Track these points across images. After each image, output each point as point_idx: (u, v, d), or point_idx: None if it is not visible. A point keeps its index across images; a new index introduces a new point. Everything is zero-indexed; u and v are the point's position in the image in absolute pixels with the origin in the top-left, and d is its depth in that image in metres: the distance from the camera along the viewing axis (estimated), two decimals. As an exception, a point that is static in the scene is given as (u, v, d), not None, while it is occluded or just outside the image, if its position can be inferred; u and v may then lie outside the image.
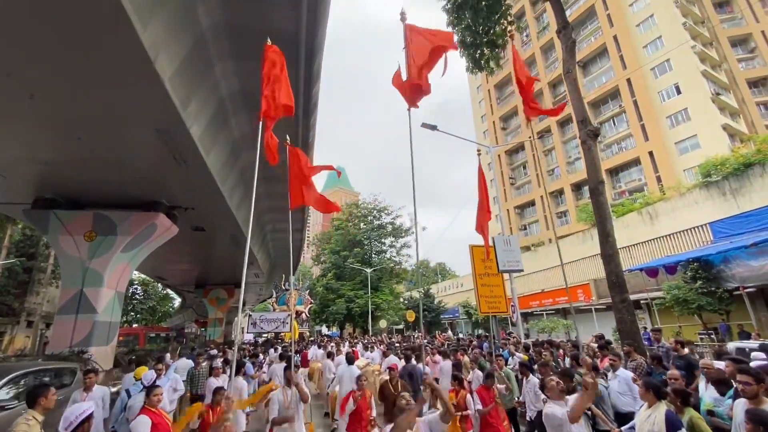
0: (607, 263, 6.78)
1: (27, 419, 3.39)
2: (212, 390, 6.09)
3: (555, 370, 5.92)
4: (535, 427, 5.79)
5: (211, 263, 25.81)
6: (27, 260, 29.16)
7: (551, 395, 3.46)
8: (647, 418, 3.47)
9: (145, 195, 12.96)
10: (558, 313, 26.24)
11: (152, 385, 4.52)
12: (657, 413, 3.40)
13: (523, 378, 6.14)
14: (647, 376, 5.32)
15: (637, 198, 29.59)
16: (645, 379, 3.86)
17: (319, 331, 48.02)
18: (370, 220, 40.33)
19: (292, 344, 6.14)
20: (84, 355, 11.26)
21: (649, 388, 3.52)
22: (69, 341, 11.68)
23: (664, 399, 3.48)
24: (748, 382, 3.12)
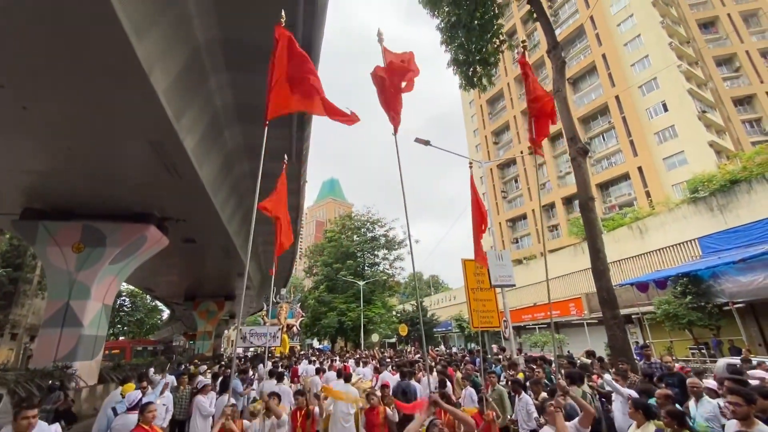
0: (598, 279, 6.82)
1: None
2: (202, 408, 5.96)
3: (547, 388, 5.89)
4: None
5: (202, 275, 25.47)
6: (13, 271, 28.49)
7: (549, 420, 3.40)
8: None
9: (136, 206, 12.82)
10: (550, 327, 26.21)
11: (146, 402, 4.37)
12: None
13: (515, 395, 6.10)
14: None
15: (627, 212, 29.99)
16: (633, 398, 3.84)
17: (310, 344, 47.36)
18: (364, 233, 40.26)
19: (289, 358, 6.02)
20: (68, 371, 10.94)
21: (638, 407, 3.49)
22: (53, 355, 11.35)
23: (653, 419, 3.45)
24: (738, 402, 3.10)
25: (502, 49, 11.04)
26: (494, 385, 6.63)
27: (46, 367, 10.41)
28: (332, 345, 39.59)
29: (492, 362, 10.25)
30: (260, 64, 8.42)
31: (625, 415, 4.62)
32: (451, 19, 9.50)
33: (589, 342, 21.24)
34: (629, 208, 32.22)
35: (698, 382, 4.50)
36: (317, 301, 36.84)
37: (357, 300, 34.10)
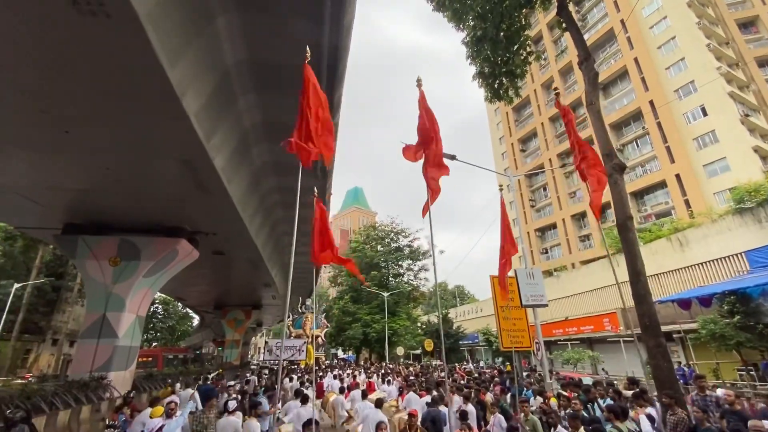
0: (639, 304, 6.40)
1: None
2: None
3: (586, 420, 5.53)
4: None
5: (230, 285, 26.04)
6: (56, 279, 30.14)
7: None
8: None
9: (168, 221, 13.25)
10: (583, 343, 25.07)
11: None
12: None
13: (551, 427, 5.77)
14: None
15: (665, 223, 28.52)
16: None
17: (335, 354, 47.39)
18: (388, 243, 40.16)
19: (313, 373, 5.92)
20: (103, 381, 11.33)
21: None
22: (90, 366, 11.80)
23: None
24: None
25: (530, 61, 10.76)
26: (528, 414, 6.31)
27: (82, 378, 10.81)
28: (357, 356, 39.43)
29: (524, 386, 9.82)
30: (286, 83, 8.59)
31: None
32: (477, 33, 9.35)
33: (625, 359, 20.14)
34: (666, 218, 30.66)
35: (761, 426, 4.07)
36: (342, 312, 36.88)
37: (381, 311, 33.88)
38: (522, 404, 6.34)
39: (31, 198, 11.52)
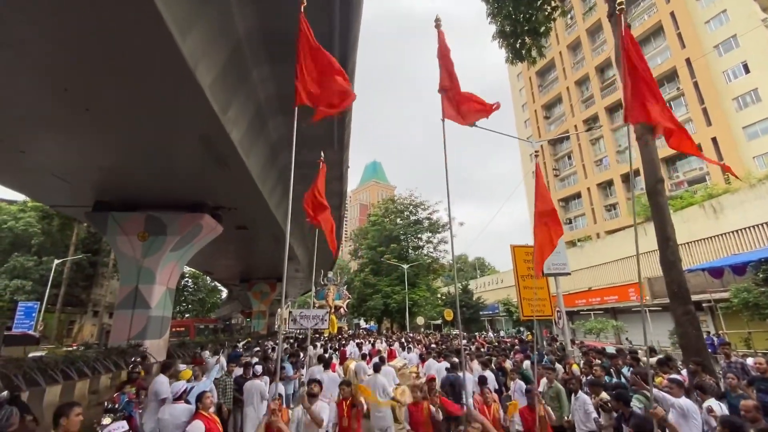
0: (668, 271, 6.15)
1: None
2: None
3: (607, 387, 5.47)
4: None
5: (254, 259, 26.79)
6: (92, 256, 31.78)
7: None
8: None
9: (191, 197, 13.56)
10: (607, 313, 24.76)
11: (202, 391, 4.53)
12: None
13: (572, 394, 5.75)
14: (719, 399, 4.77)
15: (698, 189, 27.18)
16: (724, 416, 3.39)
17: (357, 324, 48.74)
18: (407, 216, 40.09)
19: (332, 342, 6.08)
20: (140, 348, 12.05)
21: (726, 427, 3.07)
22: (127, 334, 12.55)
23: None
24: None
25: (554, 17, 10.07)
26: (552, 382, 6.29)
27: (120, 345, 11.52)
28: (378, 325, 40.43)
29: (545, 354, 9.82)
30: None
31: (678, 427, 4.10)
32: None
33: (651, 329, 19.81)
34: (700, 185, 29.19)
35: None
36: (363, 284, 37.57)
37: (401, 283, 34.30)
38: (547, 371, 6.31)
39: (62, 177, 11.96)
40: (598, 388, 5.09)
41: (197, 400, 4.27)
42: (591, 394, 5.32)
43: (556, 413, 5.71)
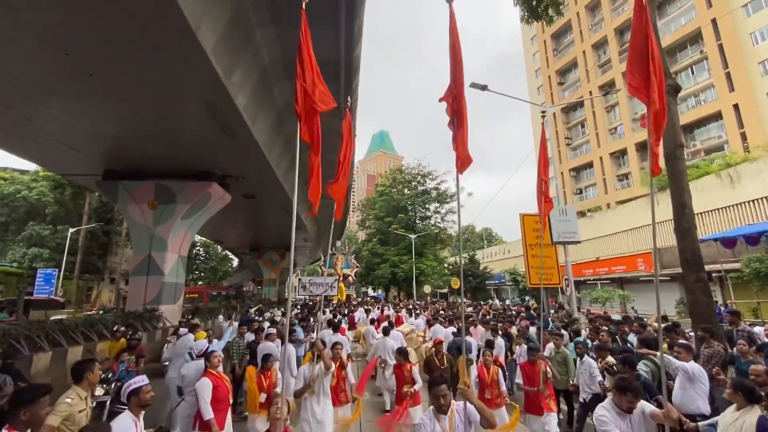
0: (682, 238, 6.03)
1: (69, 397, 3.11)
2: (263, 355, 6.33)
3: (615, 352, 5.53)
4: (589, 410, 5.54)
5: (263, 228, 27.09)
6: (105, 225, 32.41)
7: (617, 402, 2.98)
8: (734, 422, 3.06)
9: (199, 165, 13.56)
10: (613, 283, 24.84)
11: (211, 350, 4.72)
12: (747, 418, 2.97)
13: (577, 357, 5.83)
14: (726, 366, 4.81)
15: (715, 158, 26.37)
16: (736, 379, 3.39)
17: (365, 292, 49.72)
18: (414, 186, 39.84)
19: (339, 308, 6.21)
20: (156, 312, 12.47)
21: (738, 389, 3.07)
22: (143, 299, 12.96)
23: (757, 403, 3.02)
24: None
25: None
26: (559, 347, 6.37)
27: (137, 310, 11.91)
28: (386, 294, 41.22)
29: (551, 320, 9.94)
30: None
31: (684, 391, 4.15)
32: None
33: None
34: (718, 153, 28.28)
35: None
36: (371, 253, 37.99)
37: (409, 252, 34.61)
38: (554, 337, 6.38)
39: (70, 145, 11.99)
40: (604, 353, 5.13)
41: (205, 359, 4.49)
42: (597, 359, 5.39)
43: (562, 377, 5.83)
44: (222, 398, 4.31)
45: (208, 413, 4.09)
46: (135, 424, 2.87)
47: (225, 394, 4.39)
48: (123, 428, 2.73)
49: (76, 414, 3.10)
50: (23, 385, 2.36)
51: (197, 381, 4.42)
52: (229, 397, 4.51)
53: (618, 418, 2.90)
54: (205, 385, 4.19)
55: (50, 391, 2.49)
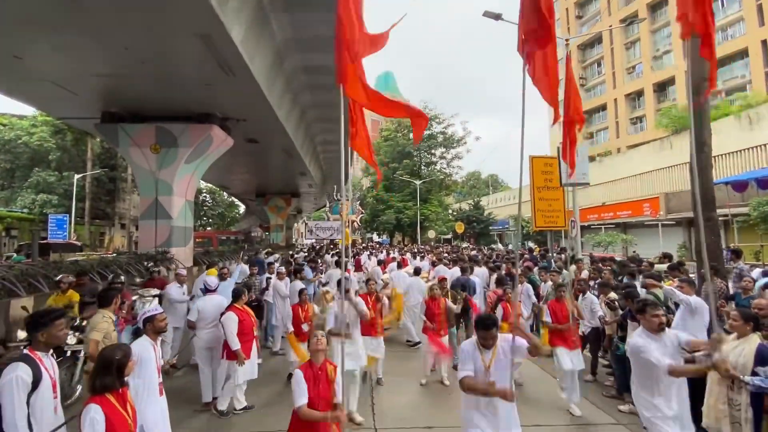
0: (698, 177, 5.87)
1: (104, 316, 3.74)
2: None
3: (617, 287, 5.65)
4: (587, 343, 5.79)
5: (268, 174, 26.97)
6: (110, 171, 32.44)
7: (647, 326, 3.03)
8: (734, 349, 3.20)
9: (198, 107, 13.16)
10: (617, 228, 24.97)
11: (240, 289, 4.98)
12: (747, 345, 3.13)
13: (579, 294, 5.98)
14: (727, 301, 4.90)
15: (737, 99, 25.13)
16: (742, 310, 3.47)
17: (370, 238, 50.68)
18: (420, 130, 38.82)
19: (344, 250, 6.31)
20: (167, 255, 12.83)
21: (748, 319, 3.19)
22: (154, 242, 13.28)
23: (759, 331, 3.18)
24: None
25: None
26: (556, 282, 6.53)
27: (149, 252, 12.25)
28: (391, 239, 41.98)
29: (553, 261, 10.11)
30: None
31: (684, 323, 4.23)
32: None
33: (661, 243, 20.06)
34: (740, 94, 26.90)
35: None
36: (375, 200, 38.10)
37: (414, 198, 34.64)
38: (552, 274, 6.51)
39: (63, 86, 11.56)
40: (607, 289, 5.25)
41: (233, 296, 4.81)
42: (599, 295, 5.51)
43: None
44: (247, 331, 4.64)
45: (235, 344, 4.41)
46: (153, 347, 3.05)
47: (250, 327, 4.72)
48: (142, 349, 2.90)
49: (112, 332, 3.68)
50: (38, 311, 2.48)
51: (220, 314, 4.73)
52: (253, 330, 4.82)
53: (653, 343, 2.92)
54: (231, 318, 4.49)
55: (63, 314, 2.62)
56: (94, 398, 2.04)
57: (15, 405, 2.20)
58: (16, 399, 2.20)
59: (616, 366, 5.04)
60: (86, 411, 1.98)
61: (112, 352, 2.15)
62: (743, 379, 3.04)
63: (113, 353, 2.14)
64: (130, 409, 2.21)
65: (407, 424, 4.42)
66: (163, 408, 3.10)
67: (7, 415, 2.19)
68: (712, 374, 3.33)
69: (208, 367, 4.83)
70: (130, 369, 2.22)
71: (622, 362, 4.84)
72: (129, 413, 2.17)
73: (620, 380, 4.96)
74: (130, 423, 2.15)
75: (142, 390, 2.83)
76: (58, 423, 2.48)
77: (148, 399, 2.91)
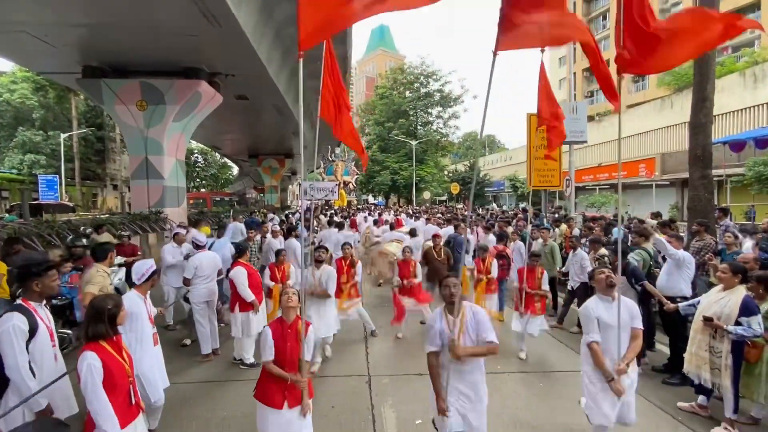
0: (696, 133, 5.79)
1: (99, 271, 3.80)
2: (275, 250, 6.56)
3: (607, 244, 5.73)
4: (575, 297, 5.95)
5: (260, 133, 26.36)
6: (97, 130, 31.51)
7: (598, 288, 2.99)
8: (719, 300, 3.29)
9: (184, 61, 12.58)
10: (611, 189, 25.03)
11: (244, 245, 5.15)
12: (734, 296, 3.21)
13: (570, 251, 6.08)
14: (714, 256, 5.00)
15: (744, 55, 24.39)
16: (732, 262, 3.54)
17: (365, 200, 50.64)
18: (417, 88, 37.64)
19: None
20: (161, 215, 12.77)
21: (737, 271, 3.27)
22: (147, 203, 13.17)
23: (746, 284, 3.27)
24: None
25: None
26: (547, 240, 6.62)
27: (142, 212, 12.16)
28: (386, 201, 41.99)
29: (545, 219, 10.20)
30: None
31: (669, 276, 4.35)
32: None
33: (654, 204, 20.21)
34: (747, 50, 26.06)
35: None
36: (370, 161, 37.64)
37: (409, 159, 34.24)
38: (541, 231, 6.58)
39: (40, 37, 10.94)
40: (597, 245, 5.31)
41: (238, 252, 5.00)
42: (590, 251, 5.60)
43: (550, 267, 6.15)
44: (256, 284, 4.76)
45: (249, 296, 4.56)
46: (143, 300, 3.09)
47: (258, 281, 4.86)
48: (132, 304, 2.96)
49: (107, 286, 3.75)
50: (28, 262, 2.43)
51: (217, 270, 4.95)
52: (261, 284, 4.94)
53: (602, 306, 2.90)
54: (240, 272, 4.61)
55: (55, 265, 2.58)
56: (89, 345, 2.07)
57: (15, 350, 2.24)
58: (15, 345, 2.23)
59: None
60: (82, 358, 2.01)
61: (103, 302, 2.16)
62: (726, 329, 3.15)
63: (104, 302, 2.15)
64: (126, 355, 2.25)
65: (399, 371, 4.62)
66: (158, 356, 3.19)
67: (9, 361, 2.23)
68: (695, 324, 3.45)
69: (206, 319, 4.93)
70: (122, 318, 2.23)
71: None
72: (125, 359, 2.21)
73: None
74: (128, 368, 2.19)
75: (135, 342, 2.89)
76: (59, 370, 2.54)
77: (143, 349, 2.99)
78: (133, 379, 2.25)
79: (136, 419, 2.22)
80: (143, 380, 2.92)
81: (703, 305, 3.44)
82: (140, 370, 2.83)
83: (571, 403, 3.61)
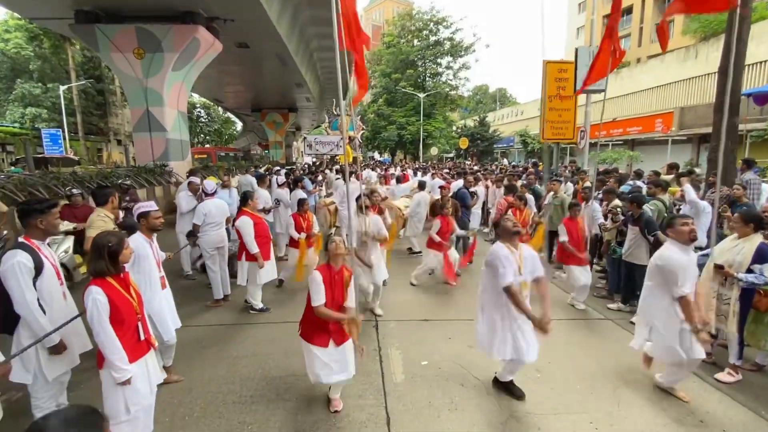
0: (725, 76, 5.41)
1: (100, 215, 3.77)
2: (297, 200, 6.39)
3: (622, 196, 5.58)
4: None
5: (263, 85, 25.56)
6: (96, 82, 30.71)
7: (679, 239, 2.89)
8: (733, 247, 3.21)
9: (180, 4, 11.91)
10: (625, 144, 24.28)
11: (249, 193, 4.99)
12: (748, 244, 3.13)
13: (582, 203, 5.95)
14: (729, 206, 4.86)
15: (780, -1, 22.51)
16: (744, 211, 3.41)
17: (371, 156, 49.96)
18: (426, 35, 35.66)
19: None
20: (166, 168, 12.69)
21: (749, 220, 3.17)
22: (151, 156, 13.04)
23: (763, 230, 3.19)
24: None
25: None
26: (558, 192, 6.48)
27: (147, 165, 12.08)
28: (392, 157, 41.34)
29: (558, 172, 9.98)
30: None
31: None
32: None
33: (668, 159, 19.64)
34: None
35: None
36: (377, 115, 36.60)
37: (417, 113, 33.23)
38: (552, 183, 6.42)
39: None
40: (611, 195, 5.17)
41: (242, 200, 4.83)
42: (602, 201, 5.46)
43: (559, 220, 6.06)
44: (263, 233, 4.70)
45: (254, 247, 4.49)
46: (149, 243, 3.04)
47: (265, 230, 4.79)
48: (138, 245, 2.91)
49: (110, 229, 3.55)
50: (31, 199, 2.39)
51: (226, 218, 4.98)
52: (269, 234, 4.88)
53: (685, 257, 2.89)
54: (246, 222, 4.51)
55: (57, 204, 2.53)
56: (94, 281, 2.05)
57: (23, 286, 2.23)
58: (22, 281, 2.22)
59: (611, 269, 5.19)
60: (87, 293, 2.01)
61: (104, 238, 2.11)
62: (737, 276, 3.09)
63: (105, 239, 2.11)
64: (134, 293, 2.24)
65: (406, 317, 4.72)
66: (168, 298, 3.22)
67: (17, 297, 2.23)
68: (705, 270, 3.38)
69: (217, 265, 4.98)
70: (125, 256, 2.20)
71: (617, 266, 4.97)
72: (133, 296, 2.21)
73: (612, 282, 5.15)
74: (135, 305, 2.20)
75: (143, 284, 2.87)
76: (68, 308, 2.56)
77: (152, 291, 3.00)
78: (142, 316, 2.26)
79: (146, 354, 2.26)
80: (155, 320, 2.95)
81: (715, 252, 3.36)
82: (151, 311, 2.85)
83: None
